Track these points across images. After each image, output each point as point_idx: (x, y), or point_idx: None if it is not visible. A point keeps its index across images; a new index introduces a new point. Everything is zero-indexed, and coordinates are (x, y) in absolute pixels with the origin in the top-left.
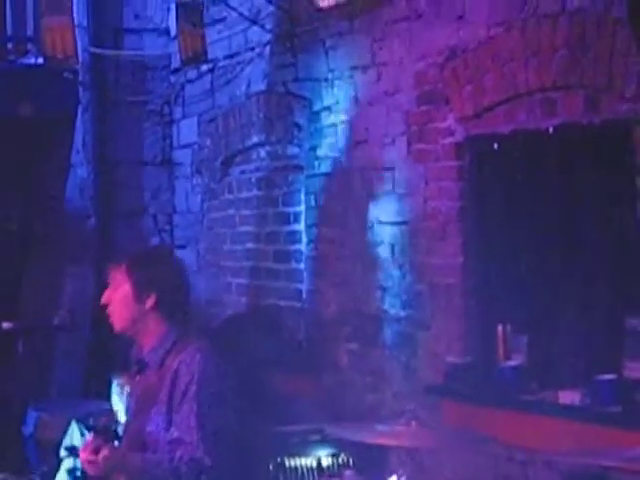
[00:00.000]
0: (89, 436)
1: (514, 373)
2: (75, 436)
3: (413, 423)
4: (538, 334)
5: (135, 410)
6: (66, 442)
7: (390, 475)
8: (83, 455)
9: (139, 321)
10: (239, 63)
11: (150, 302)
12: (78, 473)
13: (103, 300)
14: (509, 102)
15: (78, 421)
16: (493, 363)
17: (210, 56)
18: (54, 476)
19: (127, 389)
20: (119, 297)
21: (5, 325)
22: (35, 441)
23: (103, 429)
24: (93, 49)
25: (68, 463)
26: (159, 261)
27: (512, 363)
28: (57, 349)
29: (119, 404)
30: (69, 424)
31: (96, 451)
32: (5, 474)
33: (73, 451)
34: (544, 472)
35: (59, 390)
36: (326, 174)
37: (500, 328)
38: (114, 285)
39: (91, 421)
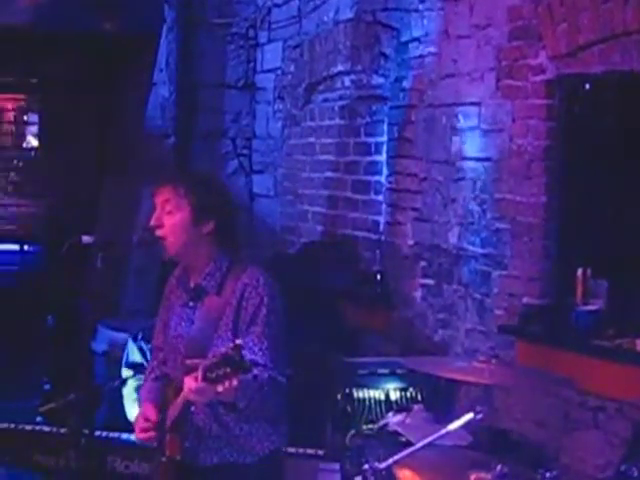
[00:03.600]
0: (208, 360)
1: (592, 318)
2: (134, 353)
3: (493, 361)
4: (619, 280)
5: (195, 336)
6: (126, 360)
7: (464, 412)
8: (194, 384)
9: (193, 246)
10: None
11: (208, 227)
12: None
13: (153, 222)
14: (604, 42)
15: (135, 339)
16: (571, 306)
17: None
18: (120, 392)
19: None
20: (176, 221)
21: (85, 239)
22: (103, 357)
23: (227, 358)
24: None
25: (134, 380)
26: (216, 187)
27: (590, 307)
28: (130, 266)
29: None
30: (126, 342)
31: (214, 380)
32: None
33: (136, 368)
34: (615, 419)
35: (129, 307)
36: (410, 106)
37: (580, 271)
38: (169, 208)
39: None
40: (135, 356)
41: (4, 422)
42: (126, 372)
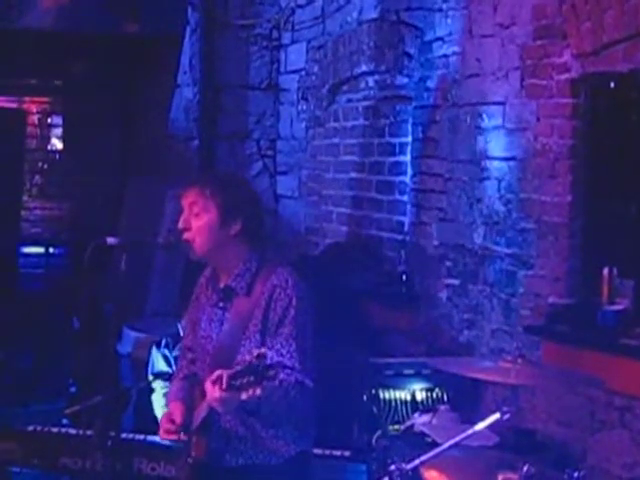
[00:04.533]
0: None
1: (618, 317)
2: (159, 361)
3: (519, 360)
4: None
5: (224, 338)
6: (152, 369)
7: (491, 413)
8: (216, 393)
9: (221, 247)
10: None
11: (235, 228)
12: None
13: (181, 225)
14: (629, 40)
15: (158, 346)
16: (597, 306)
17: None
18: (149, 397)
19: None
20: (203, 223)
21: (110, 240)
22: (128, 359)
23: (251, 367)
24: None
25: (163, 387)
26: (242, 187)
27: (616, 307)
28: (154, 268)
29: None
30: (150, 350)
31: (237, 388)
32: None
33: (161, 376)
34: None
35: (153, 309)
36: (435, 106)
37: (606, 271)
38: (196, 210)
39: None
40: (160, 364)
41: (31, 425)
42: (151, 378)
